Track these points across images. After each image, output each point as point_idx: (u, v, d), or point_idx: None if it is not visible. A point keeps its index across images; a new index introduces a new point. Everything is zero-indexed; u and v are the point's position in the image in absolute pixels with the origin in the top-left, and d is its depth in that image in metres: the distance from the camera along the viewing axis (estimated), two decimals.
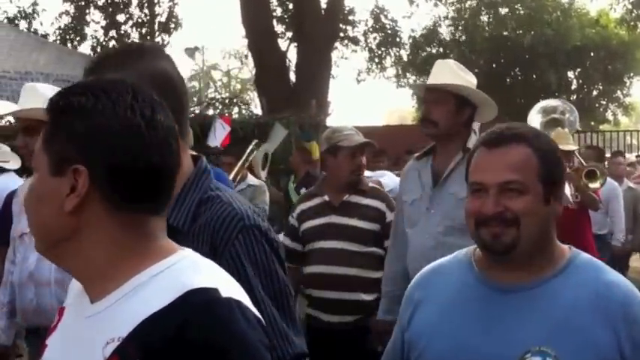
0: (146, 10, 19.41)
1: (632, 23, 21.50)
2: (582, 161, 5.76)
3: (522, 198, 1.58)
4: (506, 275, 1.64)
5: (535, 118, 5.99)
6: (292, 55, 16.34)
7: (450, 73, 3.23)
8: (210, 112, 13.20)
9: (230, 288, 1.12)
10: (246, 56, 23.37)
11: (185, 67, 40.06)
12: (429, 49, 22.71)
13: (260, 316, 1.15)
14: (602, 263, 1.67)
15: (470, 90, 3.18)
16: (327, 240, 3.70)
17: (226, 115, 13.13)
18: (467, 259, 1.74)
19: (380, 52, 21.74)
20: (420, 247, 3.12)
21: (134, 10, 19.55)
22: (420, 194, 3.20)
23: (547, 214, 1.62)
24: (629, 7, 19.60)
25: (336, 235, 3.68)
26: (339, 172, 3.73)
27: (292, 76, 15.62)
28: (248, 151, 6.74)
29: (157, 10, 19.48)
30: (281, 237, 4.97)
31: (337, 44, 18.56)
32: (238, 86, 31.63)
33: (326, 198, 3.75)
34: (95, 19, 19.53)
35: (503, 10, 23.00)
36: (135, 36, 19.30)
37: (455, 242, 2.88)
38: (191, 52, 23.84)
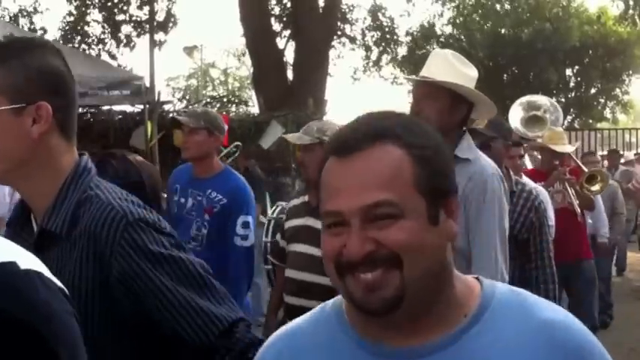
0: (145, 9, 19.37)
1: (630, 20, 21.42)
2: (580, 163, 5.72)
3: (399, 224, 1.06)
4: (398, 335, 1.12)
5: (516, 112, 5.93)
6: (290, 54, 16.34)
7: (447, 67, 2.83)
8: None
9: (29, 260, 1.08)
10: (243, 54, 23.35)
11: (184, 66, 40.18)
12: (427, 47, 22.65)
13: (63, 286, 1.11)
14: (528, 293, 1.18)
15: (468, 91, 2.82)
16: (299, 243, 3.46)
17: (224, 113, 13.14)
18: (335, 311, 1.22)
19: (378, 50, 21.70)
20: None
21: (133, 10, 19.55)
22: None
23: (439, 238, 1.10)
24: (631, 2, 19.48)
25: (307, 239, 3.41)
26: None
27: (290, 75, 15.61)
28: (225, 152, 6.75)
29: (156, 7, 19.45)
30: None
31: (334, 42, 18.54)
32: (236, 84, 31.64)
33: (306, 198, 3.57)
34: (95, 18, 19.56)
35: (503, 8, 22.96)
36: (134, 35, 19.31)
37: None
38: (189, 50, 23.89)
